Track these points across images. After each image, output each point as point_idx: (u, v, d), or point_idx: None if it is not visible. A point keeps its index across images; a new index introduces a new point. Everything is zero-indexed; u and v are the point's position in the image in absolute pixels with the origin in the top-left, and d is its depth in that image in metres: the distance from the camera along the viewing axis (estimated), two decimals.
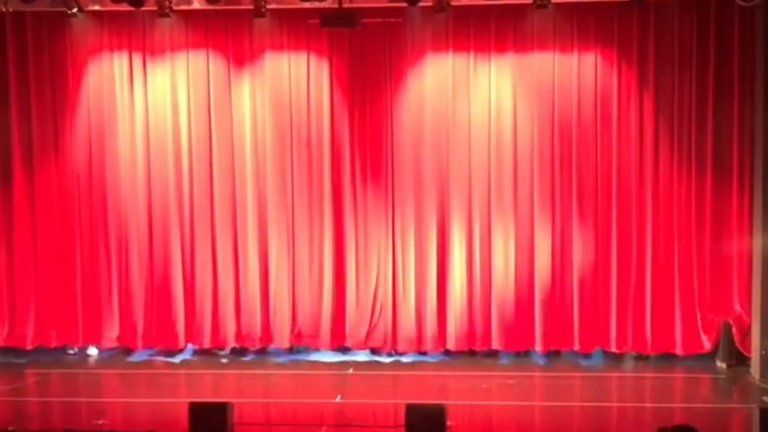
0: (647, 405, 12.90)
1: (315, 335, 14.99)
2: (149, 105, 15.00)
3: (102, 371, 14.69)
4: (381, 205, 14.88)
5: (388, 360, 14.76)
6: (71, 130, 15.03)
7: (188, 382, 14.13)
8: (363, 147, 14.89)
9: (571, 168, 14.56)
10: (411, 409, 10.58)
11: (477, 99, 14.70)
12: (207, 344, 15.08)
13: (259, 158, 14.96)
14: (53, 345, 15.15)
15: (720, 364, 14.34)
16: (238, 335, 15.03)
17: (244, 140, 14.96)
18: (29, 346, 15.05)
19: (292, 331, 15.00)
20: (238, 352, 15.12)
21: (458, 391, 13.30)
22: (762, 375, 13.53)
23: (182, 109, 14.98)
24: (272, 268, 14.96)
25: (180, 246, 14.98)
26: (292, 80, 14.89)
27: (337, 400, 12.89)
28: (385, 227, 14.91)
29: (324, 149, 14.88)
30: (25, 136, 15.01)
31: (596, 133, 14.49)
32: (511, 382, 13.71)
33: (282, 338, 15.01)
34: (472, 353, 14.93)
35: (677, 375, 14.30)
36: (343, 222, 14.99)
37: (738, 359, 14.17)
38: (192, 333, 15.06)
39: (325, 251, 14.92)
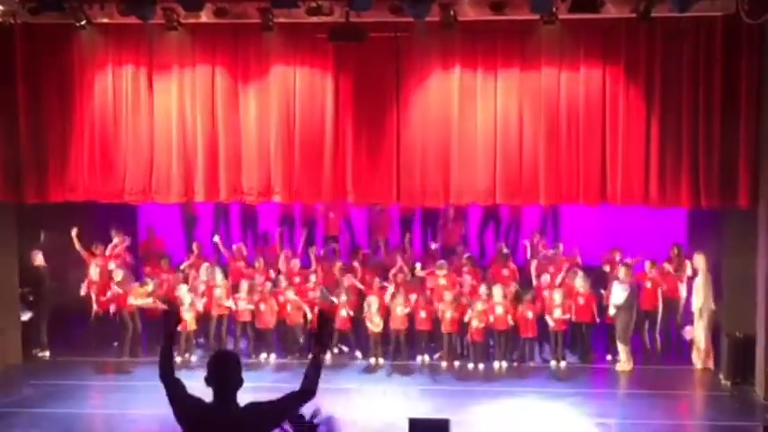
0: (654, 422, 12.85)
1: (316, 189, 15.03)
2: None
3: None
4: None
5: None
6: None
7: None
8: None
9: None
10: (414, 423, 10.57)
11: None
12: (214, 197, 15.29)
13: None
14: (52, 199, 15.29)
15: (725, 382, 14.32)
16: (238, 189, 15.08)
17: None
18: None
19: (292, 185, 15.01)
20: None
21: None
22: (766, 393, 13.49)
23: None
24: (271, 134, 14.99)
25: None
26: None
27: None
28: None
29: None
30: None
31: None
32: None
33: (283, 193, 15.04)
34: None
35: (682, 392, 14.28)
36: None
37: (743, 377, 14.13)
38: (191, 188, 15.11)
39: None
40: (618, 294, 15.06)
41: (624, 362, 15.09)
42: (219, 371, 5.80)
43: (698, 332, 15.01)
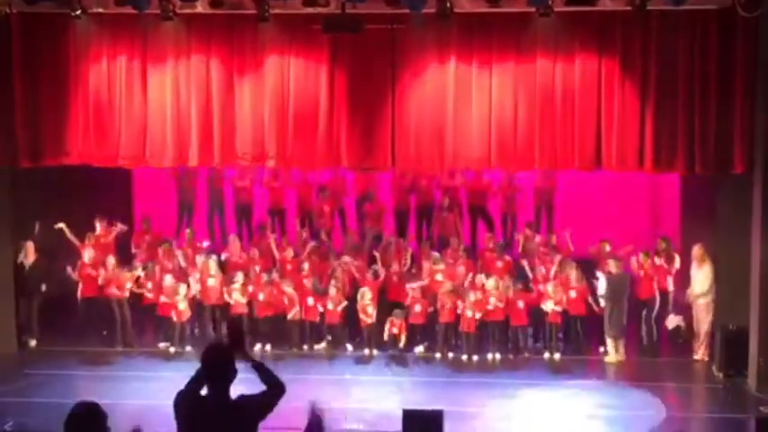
0: (646, 413, 12.87)
1: (310, 155, 14.99)
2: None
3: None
4: None
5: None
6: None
7: None
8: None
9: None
10: (408, 415, 10.59)
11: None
12: (208, 162, 15.26)
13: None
14: (46, 163, 15.21)
15: (718, 374, 14.36)
16: (231, 153, 15.05)
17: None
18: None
19: (285, 150, 14.98)
20: None
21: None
22: (758, 385, 13.55)
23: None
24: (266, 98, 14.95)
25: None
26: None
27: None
28: None
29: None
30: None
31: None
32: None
33: (276, 157, 15.03)
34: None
35: (675, 384, 14.32)
36: None
37: (736, 369, 14.17)
38: (184, 153, 15.08)
39: None
40: (600, 285, 15.14)
41: (612, 354, 15.12)
42: (215, 364, 5.83)
43: (701, 322, 15.07)
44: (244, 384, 5.93)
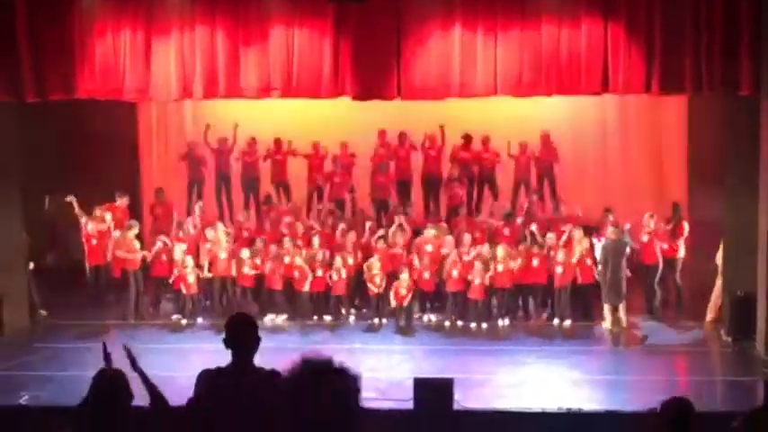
0: (655, 377, 12.92)
1: (316, 83, 14.94)
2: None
3: None
4: None
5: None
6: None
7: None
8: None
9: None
10: (419, 383, 10.69)
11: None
12: (213, 94, 15.15)
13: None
14: (52, 97, 15.01)
15: (726, 338, 14.41)
16: (235, 86, 15.02)
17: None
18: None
19: (291, 80, 14.95)
20: None
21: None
22: (767, 349, 13.59)
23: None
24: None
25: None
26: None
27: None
28: None
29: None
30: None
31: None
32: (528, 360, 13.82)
33: (281, 88, 14.97)
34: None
35: (683, 348, 14.38)
36: None
37: (744, 333, 14.21)
38: (189, 85, 15.01)
39: None
40: (597, 251, 15.20)
41: (608, 320, 15.10)
42: (239, 333, 5.84)
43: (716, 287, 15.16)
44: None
